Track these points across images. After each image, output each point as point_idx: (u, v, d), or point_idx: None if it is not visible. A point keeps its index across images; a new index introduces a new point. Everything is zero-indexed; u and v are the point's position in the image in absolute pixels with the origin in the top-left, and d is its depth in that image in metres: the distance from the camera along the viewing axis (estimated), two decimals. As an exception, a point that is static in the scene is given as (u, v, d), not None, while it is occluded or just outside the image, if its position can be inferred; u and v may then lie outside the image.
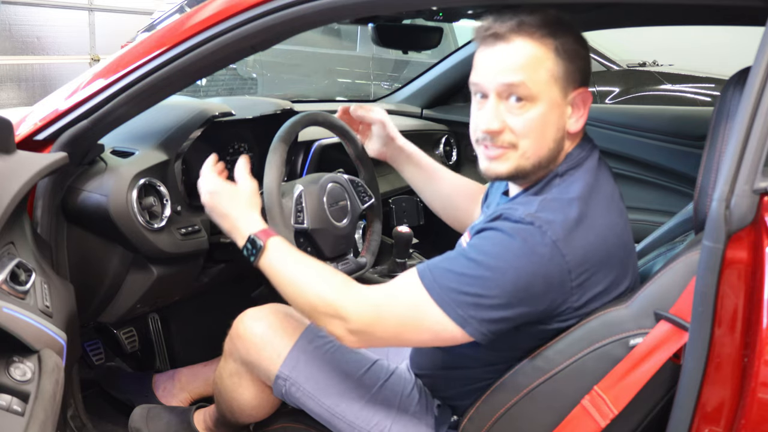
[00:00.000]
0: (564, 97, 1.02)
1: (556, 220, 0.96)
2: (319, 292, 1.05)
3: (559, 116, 1.02)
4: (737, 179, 0.82)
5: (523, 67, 0.99)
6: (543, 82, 1.00)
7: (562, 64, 1.00)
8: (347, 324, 1.02)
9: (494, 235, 0.98)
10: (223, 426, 1.46)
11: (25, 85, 5.98)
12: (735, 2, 0.99)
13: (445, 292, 0.97)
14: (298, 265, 1.10)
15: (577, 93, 1.03)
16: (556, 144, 1.03)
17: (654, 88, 4.04)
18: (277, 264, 1.11)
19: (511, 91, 1.00)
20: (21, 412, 0.84)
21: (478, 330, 0.97)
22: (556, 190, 1.02)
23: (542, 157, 1.03)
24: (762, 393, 0.83)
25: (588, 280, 0.98)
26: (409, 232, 1.88)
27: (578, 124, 1.04)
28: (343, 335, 1.03)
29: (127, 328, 1.81)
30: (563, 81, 1.01)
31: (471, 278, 0.96)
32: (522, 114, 1.00)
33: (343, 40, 6.31)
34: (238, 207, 1.20)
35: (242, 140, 1.80)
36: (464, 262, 0.98)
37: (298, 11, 1.08)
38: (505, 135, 1.02)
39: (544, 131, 1.01)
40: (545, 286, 0.95)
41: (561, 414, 1.00)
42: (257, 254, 1.12)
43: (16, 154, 1.14)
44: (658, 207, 2.05)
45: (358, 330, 1.02)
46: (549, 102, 1.01)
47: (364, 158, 1.58)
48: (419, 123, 2.51)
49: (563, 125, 1.03)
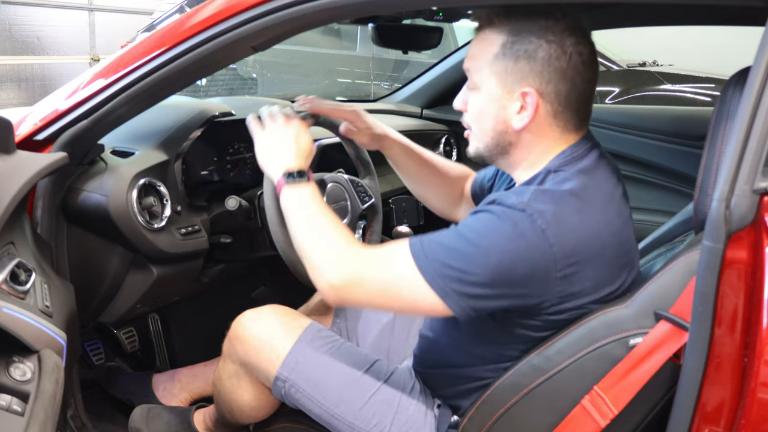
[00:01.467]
0: (506, 93, 1.06)
1: (547, 210, 0.97)
2: (325, 241, 1.08)
3: (498, 109, 1.07)
4: (737, 179, 0.82)
5: (471, 56, 1.10)
6: (483, 73, 1.07)
7: (503, 61, 1.05)
8: (331, 277, 1.05)
9: (486, 217, 1.00)
10: (223, 426, 1.46)
11: (25, 85, 5.98)
12: (735, 2, 0.99)
13: (431, 263, 0.99)
14: (321, 213, 1.12)
15: (523, 92, 1.04)
16: (498, 134, 1.08)
17: (654, 88, 4.04)
18: (306, 200, 1.14)
19: (468, 76, 1.11)
20: (21, 412, 0.84)
21: (457, 304, 0.98)
22: (549, 184, 1.03)
23: (489, 144, 1.10)
24: (762, 393, 0.83)
25: (575, 274, 0.98)
26: (409, 232, 1.88)
27: (522, 122, 1.06)
28: (323, 287, 1.06)
29: (127, 328, 1.81)
30: (503, 76, 1.05)
31: (457, 252, 0.98)
32: (470, 99, 1.12)
33: (343, 40, 6.31)
34: (306, 148, 1.22)
35: (242, 140, 1.80)
36: (453, 237, 1.01)
37: (298, 11, 1.08)
38: (465, 116, 1.14)
39: (483, 119, 1.10)
40: (528, 271, 0.97)
41: (561, 414, 1.00)
42: (297, 180, 1.15)
43: (16, 154, 1.14)
44: (658, 207, 2.05)
45: (339, 285, 1.04)
46: (486, 93, 1.08)
47: (364, 158, 1.58)
48: (419, 123, 2.51)
49: (503, 119, 1.07)
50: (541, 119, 1.06)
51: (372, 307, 1.10)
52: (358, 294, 1.05)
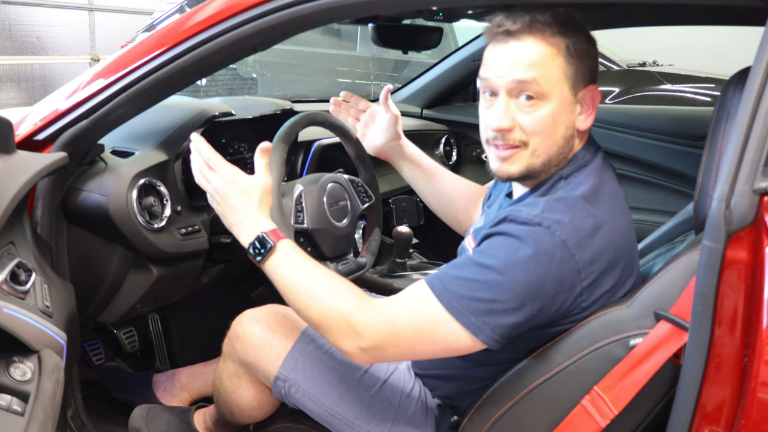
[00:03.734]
0: (574, 95, 1.03)
1: (564, 220, 0.96)
2: (332, 305, 1.01)
3: (569, 114, 1.03)
4: (737, 179, 0.82)
5: (535, 64, 0.99)
6: (554, 80, 1.00)
7: (573, 63, 1.01)
8: (360, 341, 0.98)
9: (503, 240, 0.97)
10: (223, 426, 1.46)
11: (25, 85, 5.97)
12: (735, 2, 0.99)
13: (458, 300, 0.95)
14: (309, 273, 1.04)
15: (586, 91, 1.04)
16: (565, 142, 1.04)
17: (654, 88, 4.04)
18: (287, 268, 1.05)
19: (522, 89, 1.00)
20: (21, 412, 0.84)
21: (491, 337, 0.96)
22: (561, 191, 1.02)
23: (552, 155, 1.03)
24: (762, 393, 0.83)
25: (597, 280, 0.98)
26: (409, 232, 1.88)
27: (587, 121, 1.05)
28: (354, 352, 1.00)
29: (127, 328, 1.81)
30: (573, 79, 1.01)
31: (482, 284, 0.95)
32: (533, 111, 1.01)
33: (343, 40, 6.31)
34: (251, 202, 1.10)
35: (242, 140, 1.80)
36: (474, 268, 0.96)
37: (298, 11, 1.08)
38: (515, 133, 1.02)
39: (555, 129, 1.02)
40: (556, 286, 0.95)
41: (561, 414, 1.00)
42: (265, 254, 1.06)
43: (16, 154, 1.14)
44: (658, 207, 2.05)
45: (371, 347, 0.98)
46: (559, 100, 1.01)
47: (364, 158, 1.58)
48: (419, 123, 2.51)
49: (573, 123, 1.04)
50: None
51: (406, 359, 1.03)
52: (394, 350, 0.99)
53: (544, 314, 0.97)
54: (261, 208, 1.11)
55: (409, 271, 2.01)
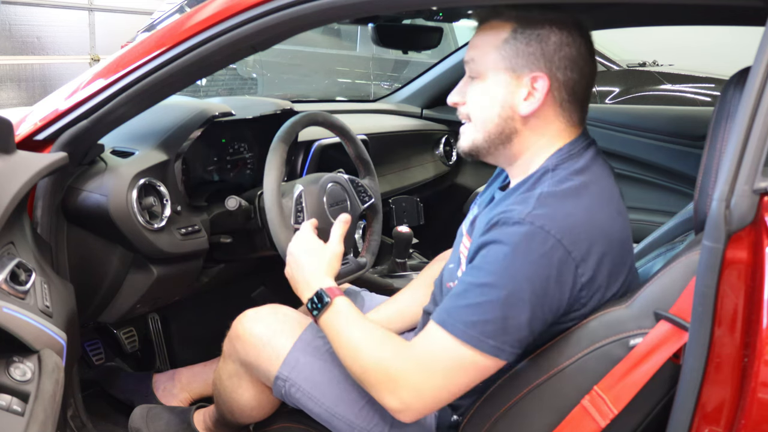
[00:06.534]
0: (516, 78, 1.05)
1: (556, 216, 0.96)
2: (372, 360, 1.03)
3: (506, 95, 1.06)
4: (737, 179, 0.82)
5: (477, 45, 1.08)
6: (490, 61, 1.06)
7: (515, 46, 1.04)
8: (398, 388, 1.00)
9: (497, 249, 0.97)
10: (223, 426, 1.46)
11: (25, 85, 5.98)
12: (735, 2, 0.99)
13: (470, 329, 0.96)
14: (360, 329, 1.07)
15: (533, 77, 1.04)
16: (503, 121, 1.06)
17: (654, 88, 4.04)
18: (340, 324, 1.09)
19: (468, 69, 1.11)
20: (21, 412, 0.84)
21: (512, 353, 0.97)
22: (549, 183, 1.02)
23: (490, 131, 1.08)
24: (762, 393, 0.83)
25: (593, 275, 0.98)
26: (409, 232, 1.88)
27: (529, 108, 1.05)
28: (395, 406, 1.01)
29: (127, 328, 1.81)
30: (510, 61, 1.04)
31: (490, 304, 0.95)
32: (471, 88, 1.11)
33: (343, 40, 6.31)
34: (319, 265, 1.18)
35: (242, 140, 1.80)
36: (476, 291, 0.97)
37: (298, 11, 1.08)
38: (463, 108, 1.13)
39: (490, 105, 1.07)
40: (559, 286, 0.96)
41: (561, 414, 1.00)
42: (322, 309, 1.11)
43: (16, 154, 1.14)
44: (658, 207, 2.05)
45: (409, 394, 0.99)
46: (494, 80, 1.06)
47: (364, 158, 1.58)
48: (419, 123, 2.51)
49: (510, 104, 1.06)
50: (548, 108, 1.05)
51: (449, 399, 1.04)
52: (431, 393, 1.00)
53: (553, 316, 0.98)
54: (326, 270, 1.18)
55: (409, 271, 2.01)
